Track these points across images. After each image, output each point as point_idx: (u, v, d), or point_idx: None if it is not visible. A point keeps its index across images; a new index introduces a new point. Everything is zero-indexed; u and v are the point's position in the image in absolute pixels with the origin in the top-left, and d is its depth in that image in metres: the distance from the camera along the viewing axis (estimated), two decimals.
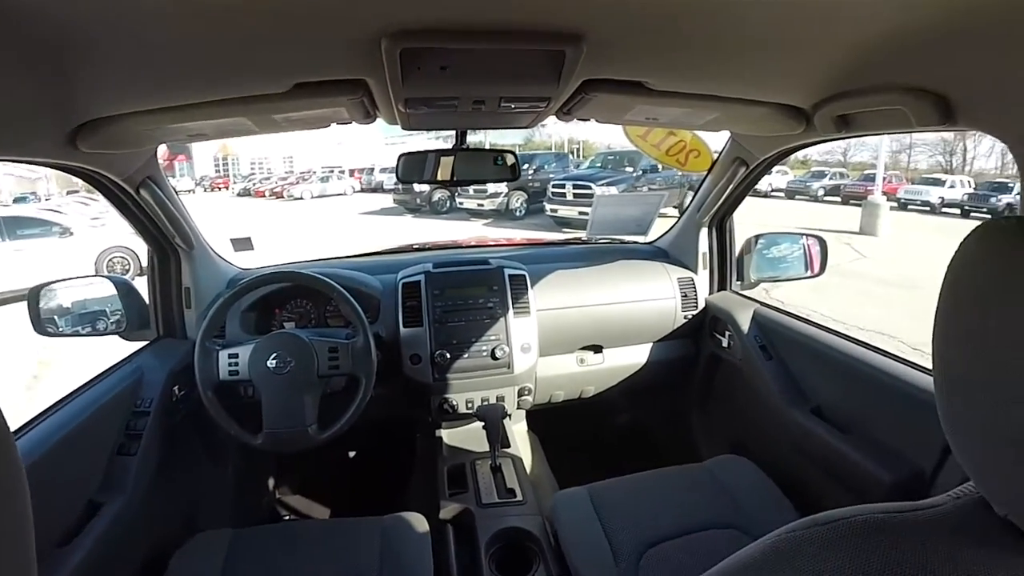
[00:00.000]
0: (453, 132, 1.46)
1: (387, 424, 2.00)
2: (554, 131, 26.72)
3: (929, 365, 1.27)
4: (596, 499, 1.37)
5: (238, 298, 1.48)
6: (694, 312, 1.91)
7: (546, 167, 14.26)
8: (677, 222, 2.08)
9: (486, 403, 1.72)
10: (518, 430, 1.90)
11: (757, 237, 1.90)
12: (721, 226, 1.93)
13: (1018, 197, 0.96)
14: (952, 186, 16.09)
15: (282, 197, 21.78)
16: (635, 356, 1.94)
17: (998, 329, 0.42)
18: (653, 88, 1.04)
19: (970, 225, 0.46)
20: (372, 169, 23.40)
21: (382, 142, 28.35)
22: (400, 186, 15.06)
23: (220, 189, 28.69)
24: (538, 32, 0.77)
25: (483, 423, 1.57)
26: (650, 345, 1.95)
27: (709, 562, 0.49)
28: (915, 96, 0.90)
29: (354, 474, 2.20)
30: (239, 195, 25.02)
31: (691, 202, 1.97)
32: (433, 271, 1.74)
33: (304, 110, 1.03)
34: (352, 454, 2.23)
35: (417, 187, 14.33)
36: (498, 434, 1.55)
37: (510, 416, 1.74)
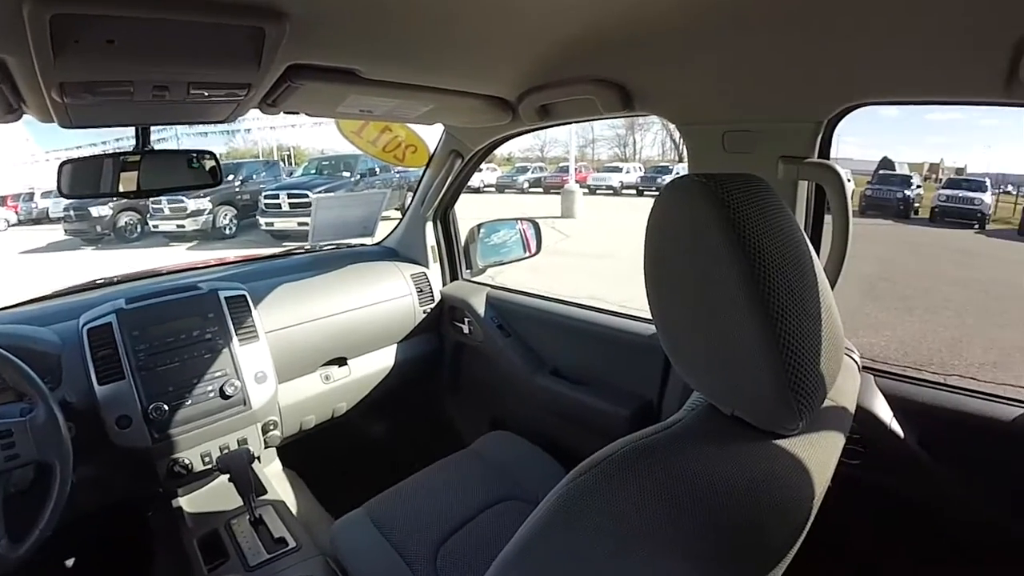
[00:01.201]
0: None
1: (107, 511, 1.58)
2: (260, 137, 24.45)
3: (638, 315, 1.50)
4: (375, 517, 1.30)
5: None
6: (431, 305, 1.95)
7: (255, 177, 13.02)
8: (402, 219, 2.09)
9: (227, 451, 1.48)
10: (272, 471, 1.70)
11: (479, 226, 2.01)
12: (445, 218, 2.00)
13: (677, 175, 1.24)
14: (628, 172, 19.84)
15: None
16: (382, 360, 1.89)
17: (685, 267, 0.50)
18: (366, 77, 1.01)
19: (644, 201, 0.55)
20: (31, 194, 18.03)
21: (41, 157, 21.65)
22: (72, 213, 12.09)
23: None
24: (230, 4, 0.66)
25: (228, 475, 1.35)
26: (395, 346, 1.92)
27: (500, 537, 0.50)
28: (601, 86, 1.06)
29: None
30: None
31: (413, 199, 2.00)
32: (127, 308, 1.42)
33: None
34: (71, 563, 1.70)
35: (95, 212, 11.76)
36: (249, 482, 1.35)
37: (259, 458, 1.54)
